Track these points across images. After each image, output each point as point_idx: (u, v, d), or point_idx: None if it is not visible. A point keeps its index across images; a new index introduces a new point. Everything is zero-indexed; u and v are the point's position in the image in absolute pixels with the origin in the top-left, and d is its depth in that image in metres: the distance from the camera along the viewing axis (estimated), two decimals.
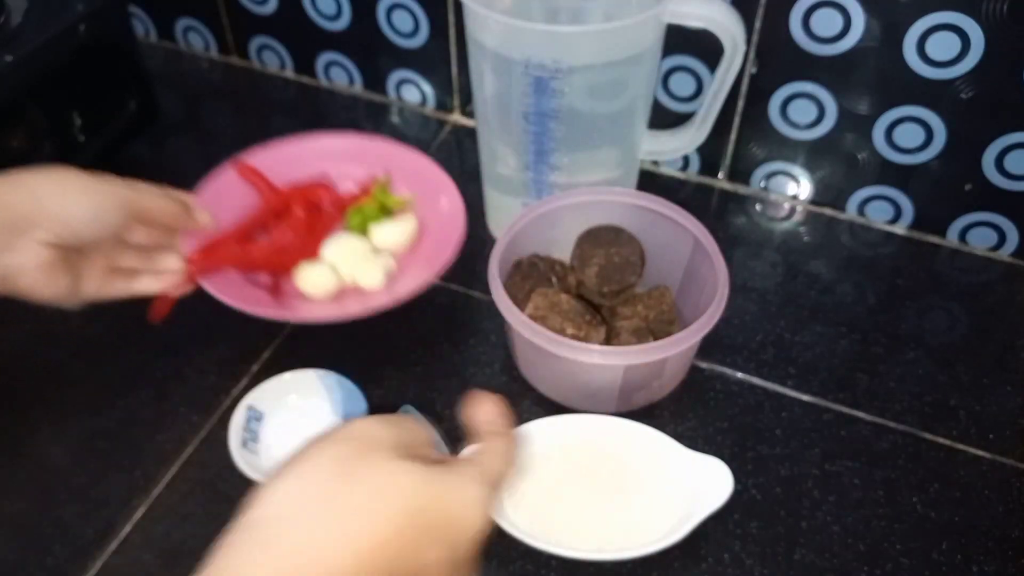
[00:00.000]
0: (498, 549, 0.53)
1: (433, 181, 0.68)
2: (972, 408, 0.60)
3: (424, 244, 0.66)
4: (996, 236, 0.70)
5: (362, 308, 0.59)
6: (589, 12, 0.66)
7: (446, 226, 0.65)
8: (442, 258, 0.62)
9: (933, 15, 0.61)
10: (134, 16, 0.94)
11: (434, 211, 0.67)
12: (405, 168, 0.70)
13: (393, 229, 0.66)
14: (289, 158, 0.70)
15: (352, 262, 0.64)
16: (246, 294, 0.61)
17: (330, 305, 0.63)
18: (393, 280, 0.64)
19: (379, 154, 0.71)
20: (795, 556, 0.53)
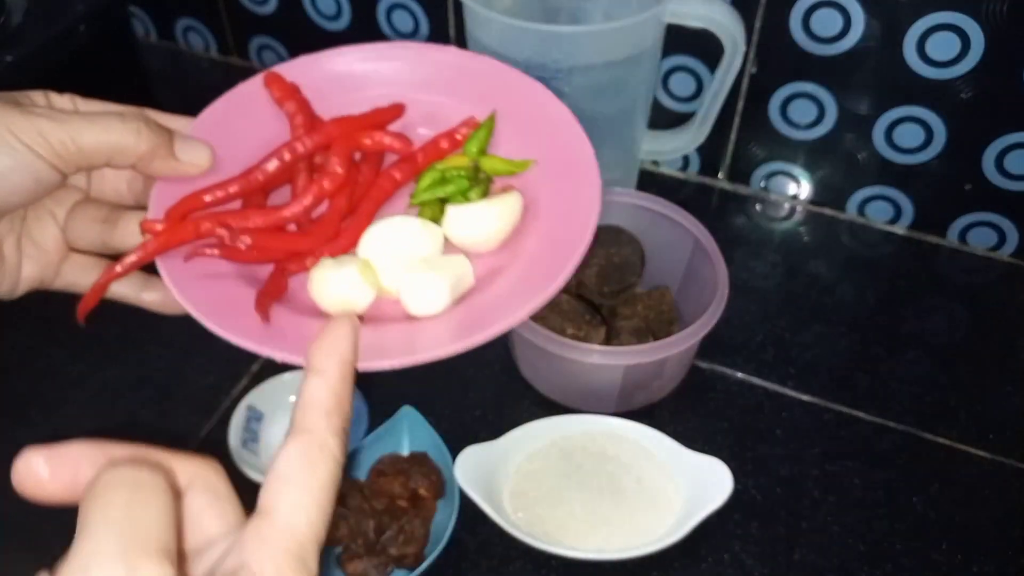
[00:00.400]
0: (498, 550, 0.53)
1: (557, 134, 0.44)
2: (972, 408, 0.60)
3: (528, 241, 0.41)
4: (996, 236, 0.70)
5: (404, 356, 0.36)
6: (589, 12, 0.66)
7: (569, 213, 0.41)
8: (557, 271, 0.38)
9: (933, 15, 0.61)
10: (134, 16, 0.94)
11: (552, 184, 0.42)
12: (515, 110, 0.45)
13: (485, 214, 0.41)
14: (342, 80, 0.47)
15: (404, 266, 0.40)
16: (226, 296, 0.39)
17: None
18: (467, 305, 0.39)
19: (481, 84, 0.46)
20: (795, 556, 0.53)
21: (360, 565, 0.50)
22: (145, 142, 0.38)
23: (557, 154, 0.43)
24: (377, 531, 0.51)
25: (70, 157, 0.37)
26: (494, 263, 0.41)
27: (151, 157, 0.39)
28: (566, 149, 0.43)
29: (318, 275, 0.39)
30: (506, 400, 0.61)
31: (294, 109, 0.45)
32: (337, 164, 0.42)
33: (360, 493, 0.53)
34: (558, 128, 0.44)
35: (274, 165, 0.42)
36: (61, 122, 0.37)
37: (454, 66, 0.46)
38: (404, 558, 0.51)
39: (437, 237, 0.41)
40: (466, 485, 0.52)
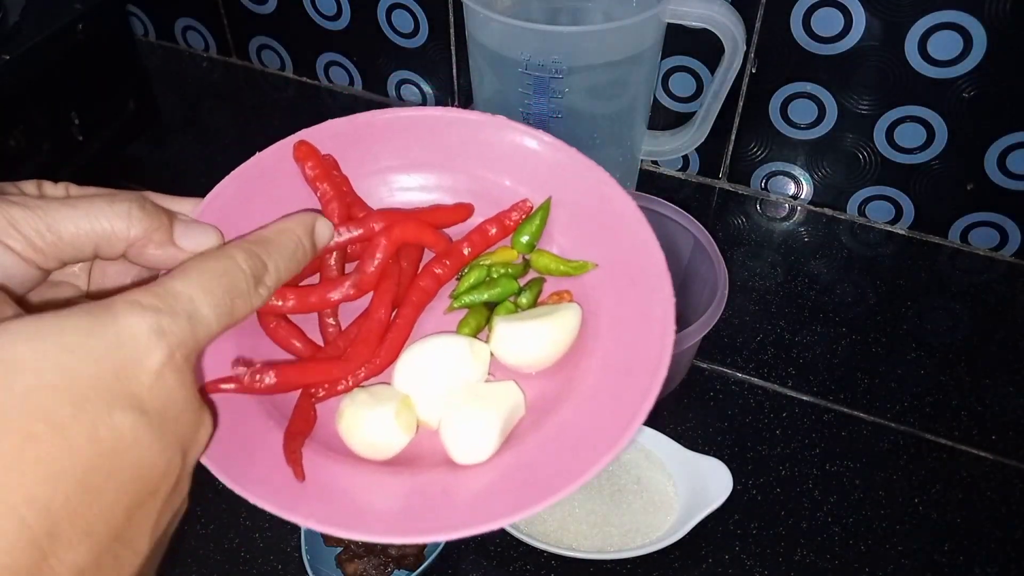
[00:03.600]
0: (498, 550, 0.53)
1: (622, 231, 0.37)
2: (974, 408, 0.60)
3: (588, 364, 0.36)
4: (998, 236, 0.70)
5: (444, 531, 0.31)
6: (589, 12, 0.66)
7: (637, 331, 0.35)
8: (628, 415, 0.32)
9: (935, 14, 0.61)
10: (133, 16, 0.94)
11: (615, 293, 0.37)
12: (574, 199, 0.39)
13: (537, 333, 0.36)
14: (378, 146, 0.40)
15: (446, 397, 0.35)
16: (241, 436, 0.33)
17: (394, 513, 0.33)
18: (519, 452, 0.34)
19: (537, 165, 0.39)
20: (795, 556, 0.52)
21: (360, 565, 0.50)
22: (137, 226, 0.32)
23: (622, 256, 0.37)
24: None
25: (48, 249, 0.31)
26: (547, 387, 0.36)
27: (145, 244, 0.33)
28: (632, 251, 0.36)
29: (349, 412, 0.34)
30: None
31: (330, 193, 0.38)
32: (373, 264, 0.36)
33: None
34: (623, 224, 0.37)
35: None
36: (39, 210, 0.31)
37: (508, 142, 0.39)
38: (404, 558, 0.51)
39: (484, 360, 0.36)
40: None
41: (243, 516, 0.55)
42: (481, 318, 0.38)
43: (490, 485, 0.33)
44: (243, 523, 0.54)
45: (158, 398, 0.27)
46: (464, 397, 0.35)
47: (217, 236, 0.35)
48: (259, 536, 0.54)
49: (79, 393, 0.25)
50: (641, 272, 0.36)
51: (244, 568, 0.52)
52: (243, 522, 0.54)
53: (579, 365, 0.36)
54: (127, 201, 0.33)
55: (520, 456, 0.34)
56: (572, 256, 0.38)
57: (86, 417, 0.25)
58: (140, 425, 0.26)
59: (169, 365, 0.27)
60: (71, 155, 0.71)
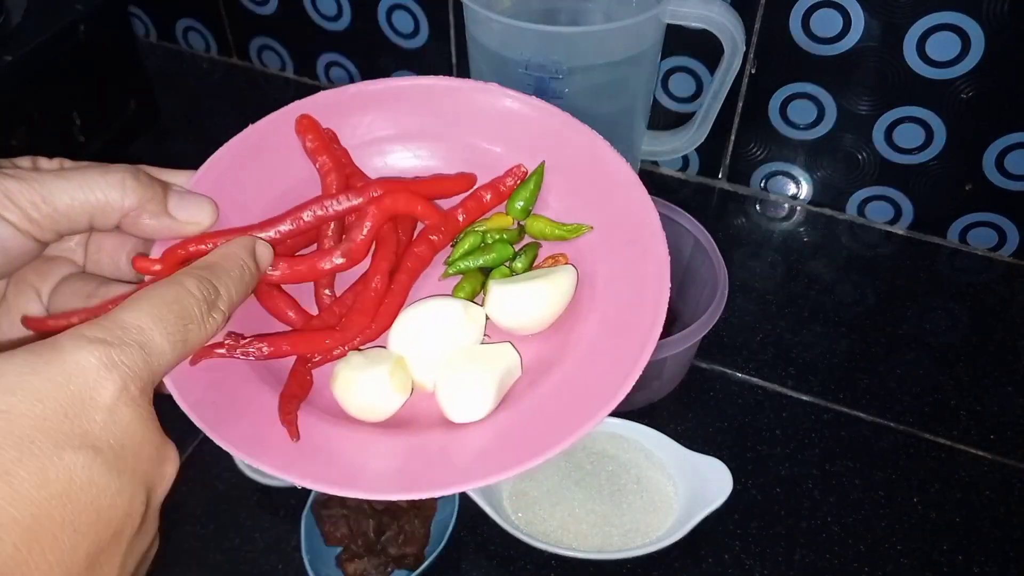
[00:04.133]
0: (499, 550, 0.53)
1: (616, 194, 0.38)
2: (973, 408, 0.60)
3: (584, 327, 0.36)
4: (996, 236, 0.70)
5: (442, 486, 0.31)
6: (589, 13, 0.66)
7: (632, 292, 0.35)
8: (622, 372, 0.32)
9: (933, 15, 0.61)
10: (134, 16, 0.94)
11: (611, 255, 0.37)
12: (568, 163, 0.39)
13: (532, 294, 0.36)
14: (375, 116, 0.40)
15: (442, 358, 0.35)
16: (235, 395, 0.34)
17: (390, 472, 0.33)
18: (515, 410, 0.34)
19: (530, 131, 0.40)
20: (795, 556, 0.53)
21: (360, 565, 0.50)
22: (131, 196, 0.33)
23: (616, 218, 0.37)
24: (377, 531, 0.51)
25: (43, 221, 0.32)
26: (543, 349, 0.36)
27: (139, 214, 0.33)
28: (627, 213, 0.36)
29: (343, 375, 0.34)
30: None
31: (328, 164, 0.38)
32: (364, 233, 0.35)
33: None
34: (617, 185, 0.37)
35: (297, 222, 0.36)
36: (33, 182, 0.31)
37: (501, 108, 0.40)
38: (404, 558, 0.51)
39: (479, 322, 0.36)
40: None
41: (243, 516, 0.55)
42: (476, 283, 0.38)
43: (487, 443, 0.33)
44: (243, 523, 0.54)
45: (113, 434, 0.26)
46: (460, 358, 0.35)
47: (211, 206, 0.36)
48: (259, 536, 0.54)
49: (23, 435, 0.24)
50: (636, 232, 0.36)
51: (244, 568, 0.52)
52: (243, 522, 0.54)
53: (575, 326, 0.36)
54: (121, 172, 0.33)
55: (516, 415, 0.34)
56: (567, 219, 0.38)
57: (33, 461, 0.23)
58: (94, 464, 0.25)
59: (123, 398, 0.26)
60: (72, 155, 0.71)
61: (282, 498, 0.55)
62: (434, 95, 0.40)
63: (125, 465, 0.26)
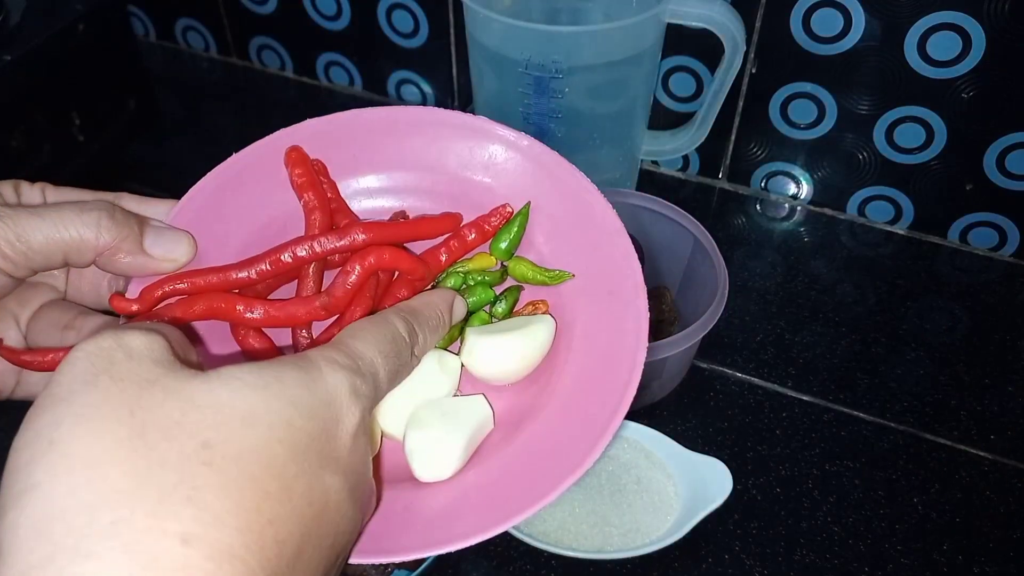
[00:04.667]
0: (498, 550, 0.53)
1: (601, 242, 0.37)
2: (973, 408, 0.60)
3: (559, 380, 0.35)
4: (997, 236, 0.70)
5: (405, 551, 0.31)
6: (589, 12, 0.66)
7: (610, 348, 0.34)
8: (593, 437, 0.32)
9: (934, 14, 0.61)
10: (134, 16, 0.94)
11: (591, 306, 0.36)
12: (558, 205, 0.38)
13: (509, 347, 0.35)
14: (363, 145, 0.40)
15: (412, 410, 0.34)
16: None
17: None
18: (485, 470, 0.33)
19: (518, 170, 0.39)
20: (795, 556, 0.52)
21: (360, 565, 0.50)
22: (106, 236, 0.33)
23: (599, 266, 0.36)
24: None
25: (17, 258, 0.32)
26: (517, 400, 0.36)
27: (115, 252, 0.33)
28: (611, 261, 0.36)
29: None
30: None
31: (313, 202, 0.37)
32: (351, 277, 0.35)
33: None
34: (603, 233, 0.37)
35: (276, 264, 0.36)
36: (8, 219, 0.31)
37: (490, 145, 0.39)
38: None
39: (454, 373, 0.35)
40: None
41: None
42: (455, 328, 0.37)
43: (452, 503, 0.32)
44: None
45: (353, 462, 0.26)
46: (430, 412, 0.34)
47: (188, 242, 0.35)
48: None
49: (299, 450, 0.24)
50: (618, 283, 0.36)
51: None
52: None
53: (550, 379, 0.35)
54: (96, 211, 0.33)
55: (485, 474, 0.33)
56: (551, 263, 0.38)
57: (305, 478, 0.24)
58: (343, 489, 0.26)
59: (361, 427, 0.27)
60: (72, 155, 0.71)
61: None
62: (422, 128, 0.39)
63: (356, 493, 0.26)
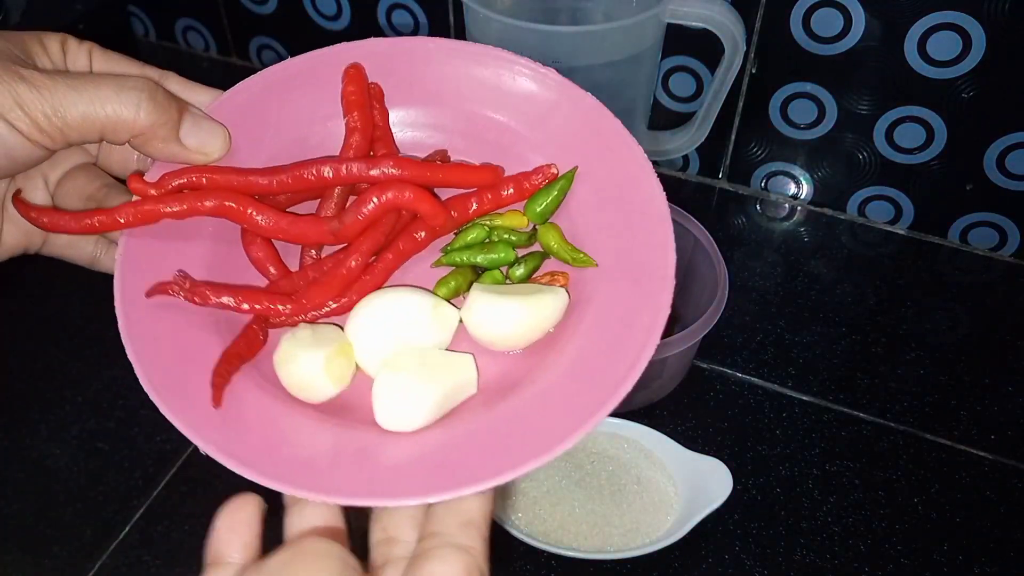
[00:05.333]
0: (498, 549, 0.53)
1: (641, 218, 0.35)
2: (973, 409, 0.60)
3: (562, 354, 0.33)
4: (997, 236, 0.70)
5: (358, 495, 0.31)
6: (589, 12, 0.66)
7: (624, 329, 0.33)
8: (583, 416, 0.30)
9: (934, 14, 0.61)
10: (134, 16, 0.94)
11: (612, 284, 0.34)
12: (606, 176, 0.36)
13: (514, 311, 0.33)
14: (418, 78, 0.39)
15: (393, 354, 0.33)
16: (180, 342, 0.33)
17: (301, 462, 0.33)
18: (452, 428, 0.32)
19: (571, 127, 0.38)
20: (795, 556, 0.52)
21: None
22: (145, 118, 0.33)
23: (632, 251, 0.34)
24: None
25: (53, 132, 0.32)
26: (509, 370, 0.34)
27: (150, 136, 0.33)
28: (646, 249, 0.33)
29: (284, 347, 0.33)
30: None
31: (355, 123, 0.37)
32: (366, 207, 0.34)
33: None
34: (645, 217, 0.34)
35: (299, 180, 0.35)
36: (45, 90, 0.31)
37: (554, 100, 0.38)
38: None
39: (449, 325, 0.34)
40: None
41: None
42: (464, 281, 0.35)
43: (407, 458, 0.30)
44: None
45: None
46: (409, 359, 0.32)
47: (224, 137, 0.35)
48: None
49: None
50: (646, 274, 0.33)
51: None
52: None
53: (548, 355, 0.33)
54: (137, 91, 0.33)
55: (450, 436, 0.31)
56: (582, 236, 0.36)
57: None
58: None
59: None
60: None
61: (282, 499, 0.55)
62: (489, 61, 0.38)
63: None
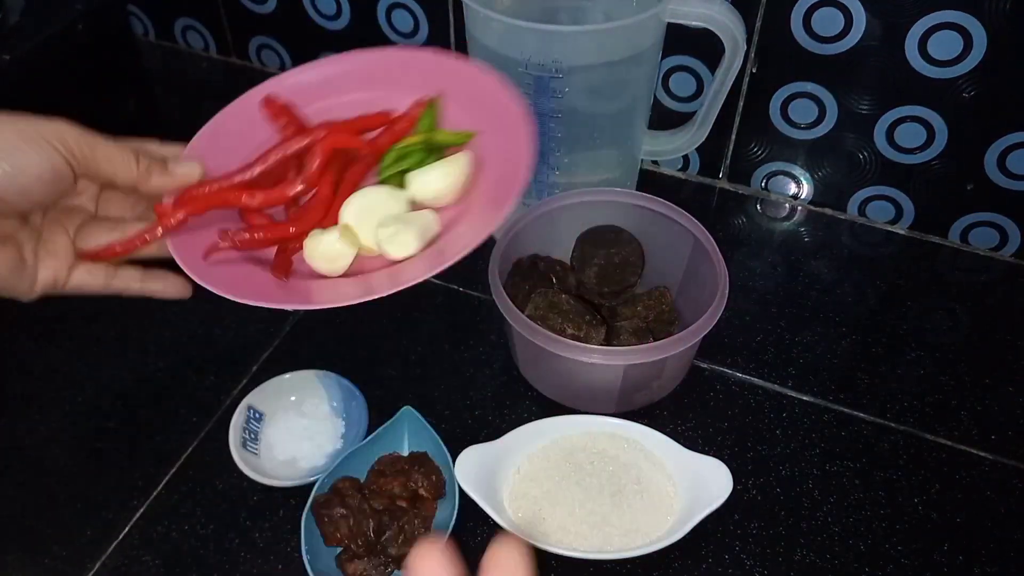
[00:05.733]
0: None
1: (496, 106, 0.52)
2: (974, 409, 0.60)
3: (479, 191, 0.50)
4: (998, 236, 0.70)
5: (390, 285, 0.45)
6: (589, 12, 0.66)
7: (509, 162, 0.49)
8: (500, 207, 0.47)
9: (935, 14, 0.61)
10: (133, 16, 0.94)
11: (494, 143, 0.51)
12: (462, 90, 0.54)
13: (438, 174, 0.50)
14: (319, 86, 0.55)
15: (379, 224, 0.48)
16: (236, 273, 0.48)
17: (350, 284, 0.48)
18: (434, 244, 0.49)
19: (427, 72, 0.54)
20: (795, 556, 0.52)
21: (360, 565, 0.50)
22: (144, 163, 0.47)
23: (495, 121, 0.51)
24: (377, 531, 0.51)
25: (84, 160, 0.45)
26: (455, 213, 0.50)
27: (149, 175, 0.47)
28: (504, 116, 0.51)
29: (309, 244, 0.49)
30: (506, 400, 0.61)
31: (285, 122, 0.53)
32: (318, 158, 0.51)
33: (360, 493, 0.53)
34: (497, 102, 0.52)
35: (266, 163, 0.51)
36: (81, 131, 0.45)
37: (403, 63, 0.56)
38: (404, 558, 0.51)
39: (402, 198, 0.50)
40: (466, 485, 0.51)
41: (243, 516, 0.55)
42: (399, 183, 0.51)
43: (413, 264, 0.47)
44: (243, 523, 0.54)
45: None
46: (394, 219, 0.49)
47: (199, 164, 0.49)
48: (259, 536, 0.54)
49: None
50: (512, 132, 0.50)
51: (244, 568, 0.52)
52: (243, 522, 0.54)
53: (469, 196, 0.50)
54: (147, 148, 0.48)
55: (432, 249, 0.48)
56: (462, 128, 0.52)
57: None
58: None
59: None
60: None
61: (282, 498, 0.55)
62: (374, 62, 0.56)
63: None
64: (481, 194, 0.50)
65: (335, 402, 0.59)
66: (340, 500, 0.52)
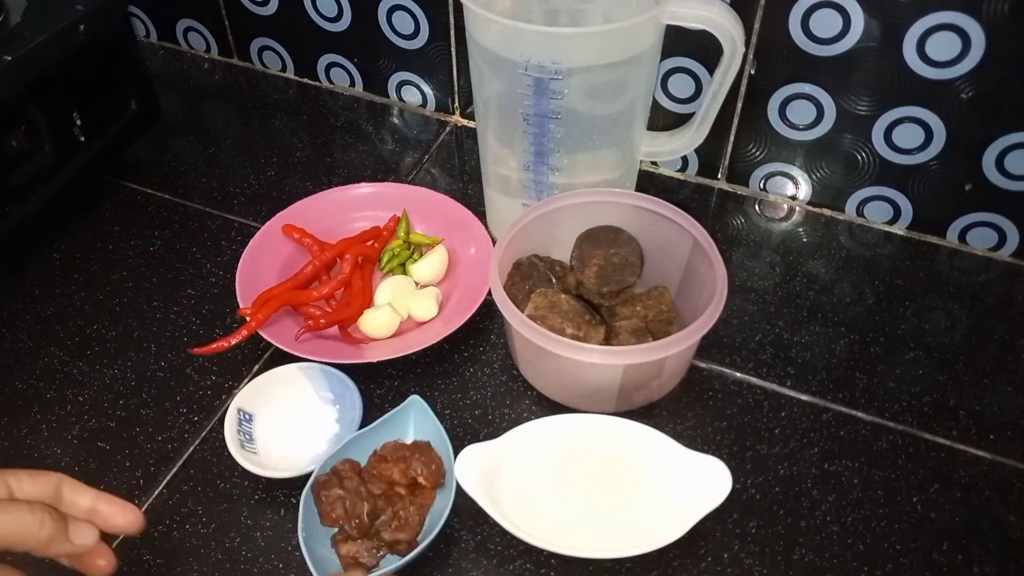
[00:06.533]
0: (498, 549, 0.53)
1: (451, 213, 0.73)
2: (972, 408, 0.60)
3: (460, 269, 0.70)
4: (996, 236, 0.70)
5: (426, 339, 0.62)
6: (588, 14, 0.66)
7: (477, 249, 0.70)
8: (482, 278, 0.66)
9: (933, 15, 0.61)
10: (134, 17, 0.95)
11: (461, 239, 0.71)
12: (422, 206, 0.74)
13: (431, 261, 0.69)
14: (316, 211, 0.73)
15: (405, 299, 0.67)
16: (323, 347, 0.63)
17: (397, 341, 0.64)
18: (444, 307, 0.67)
19: (393, 196, 0.74)
20: (794, 556, 0.53)
21: (353, 547, 0.51)
22: (47, 531, 0.43)
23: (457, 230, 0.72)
24: (372, 515, 0.52)
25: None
26: (445, 288, 0.69)
27: (49, 543, 0.43)
28: (462, 226, 0.72)
29: (368, 317, 0.65)
30: (506, 400, 0.61)
31: (310, 241, 0.70)
32: (348, 265, 0.68)
33: (359, 476, 0.53)
34: (454, 215, 0.72)
35: (310, 267, 0.68)
36: None
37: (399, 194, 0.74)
38: (397, 544, 0.51)
39: (410, 282, 0.69)
40: (466, 484, 0.52)
41: (243, 516, 0.55)
42: (400, 270, 0.70)
43: (436, 323, 0.65)
44: (243, 523, 0.54)
45: None
46: (414, 295, 0.67)
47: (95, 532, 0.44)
48: (259, 536, 0.54)
49: None
50: (471, 235, 0.70)
51: (244, 568, 0.52)
52: (243, 522, 0.54)
53: (454, 274, 0.70)
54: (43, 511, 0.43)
55: (444, 314, 0.66)
56: (431, 233, 0.72)
57: None
58: None
59: None
60: (73, 156, 0.71)
61: (283, 498, 0.55)
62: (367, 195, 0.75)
63: None
64: (462, 271, 0.69)
65: (322, 391, 0.60)
66: (339, 481, 0.52)
